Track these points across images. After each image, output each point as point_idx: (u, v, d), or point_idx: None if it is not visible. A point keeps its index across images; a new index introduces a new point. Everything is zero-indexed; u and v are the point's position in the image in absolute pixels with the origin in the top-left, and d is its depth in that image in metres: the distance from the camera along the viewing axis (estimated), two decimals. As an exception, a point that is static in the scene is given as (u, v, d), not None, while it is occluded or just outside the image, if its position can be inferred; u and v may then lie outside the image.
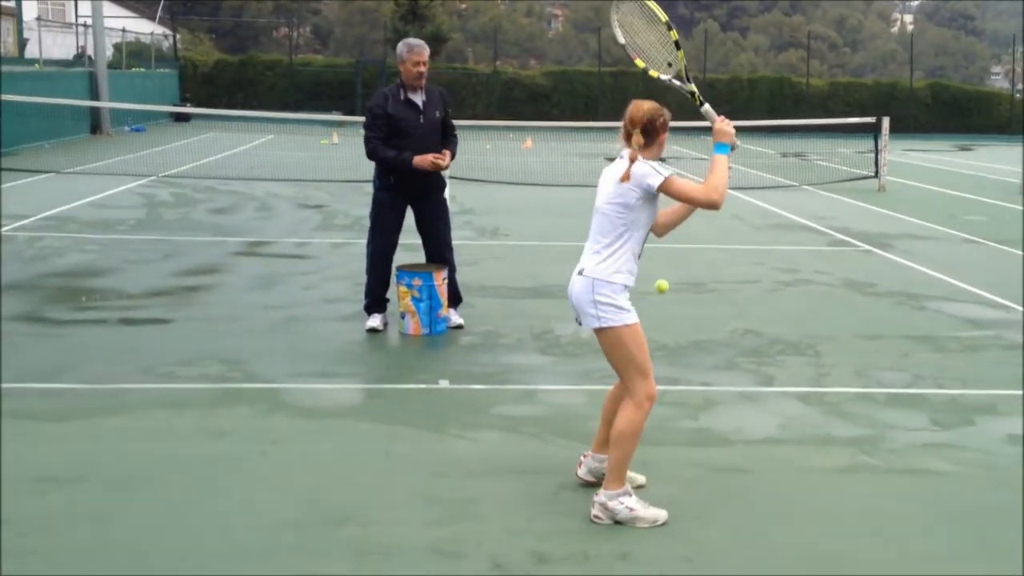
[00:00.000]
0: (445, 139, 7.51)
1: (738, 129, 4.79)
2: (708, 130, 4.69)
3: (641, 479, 4.69)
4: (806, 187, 18.88)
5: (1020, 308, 8.83)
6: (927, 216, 14.95)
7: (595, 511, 4.34)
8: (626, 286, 4.39)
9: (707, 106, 4.63)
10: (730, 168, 4.53)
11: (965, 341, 7.70)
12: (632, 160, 4.34)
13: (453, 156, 7.53)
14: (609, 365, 4.51)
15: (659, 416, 5.73)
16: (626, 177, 4.31)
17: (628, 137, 4.39)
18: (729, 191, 4.56)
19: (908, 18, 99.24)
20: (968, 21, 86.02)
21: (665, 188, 4.30)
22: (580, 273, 4.44)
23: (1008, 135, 37.45)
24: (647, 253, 4.66)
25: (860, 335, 7.79)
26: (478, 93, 38.47)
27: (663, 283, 5.02)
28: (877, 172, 18.80)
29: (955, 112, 40.51)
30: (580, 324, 4.55)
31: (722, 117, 4.52)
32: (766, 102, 38.87)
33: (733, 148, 4.49)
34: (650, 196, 4.35)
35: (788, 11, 79.29)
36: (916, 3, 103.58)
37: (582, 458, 4.75)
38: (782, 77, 41.62)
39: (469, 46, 62.24)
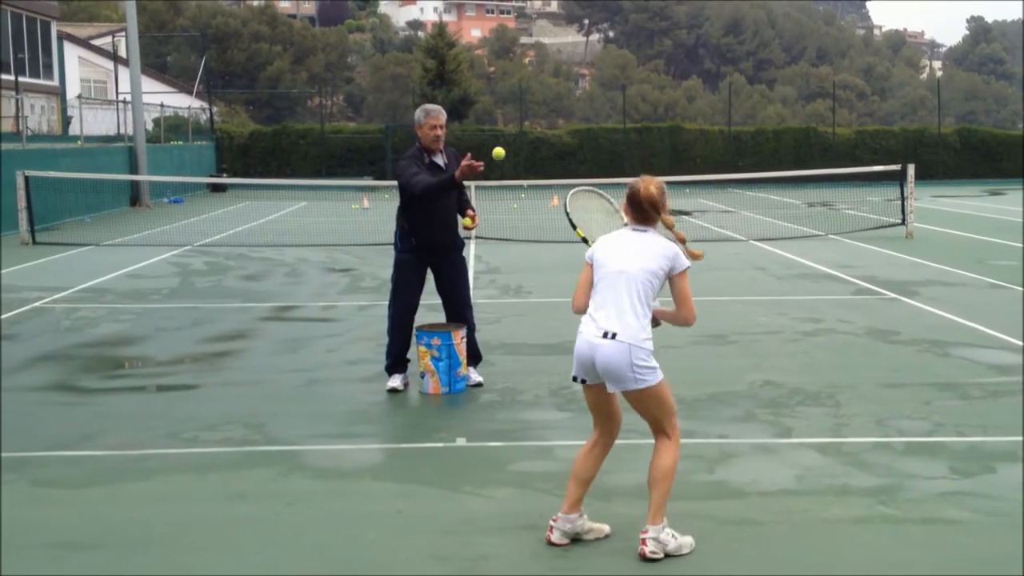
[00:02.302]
0: (458, 197, 7.69)
1: (762, 181, 5.19)
2: (736, 183, 4.89)
3: (607, 528, 4.79)
4: (832, 236, 18.86)
5: (1046, 352, 8.75)
6: (954, 262, 14.88)
7: (650, 548, 4.49)
8: (652, 349, 4.61)
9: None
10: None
11: (988, 387, 7.64)
12: (681, 240, 4.68)
13: (472, 209, 7.72)
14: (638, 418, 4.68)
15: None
16: (696, 255, 4.68)
17: (646, 213, 4.62)
18: (753, 242, 4.84)
19: (937, 64, 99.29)
20: (998, 65, 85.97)
21: (683, 275, 4.60)
22: (612, 337, 4.50)
23: (1040, 178, 37.19)
24: (667, 306, 4.78)
25: (881, 384, 7.76)
26: (506, 153, 38.84)
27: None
28: (904, 219, 18.75)
29: (984, 157, 40.37)
30: (582, 382, 4.62)
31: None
32: (792, 153, 38.96)
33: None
34: (672, 273, 4.59)
35: (815, 62, 79.68)
36: (944, 49, 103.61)
37: (552, 523, 4.70)
38: (808, 128, 41.74)
39: (498, 108, 63.08)
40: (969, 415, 6.91)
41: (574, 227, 5.19)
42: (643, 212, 4.61)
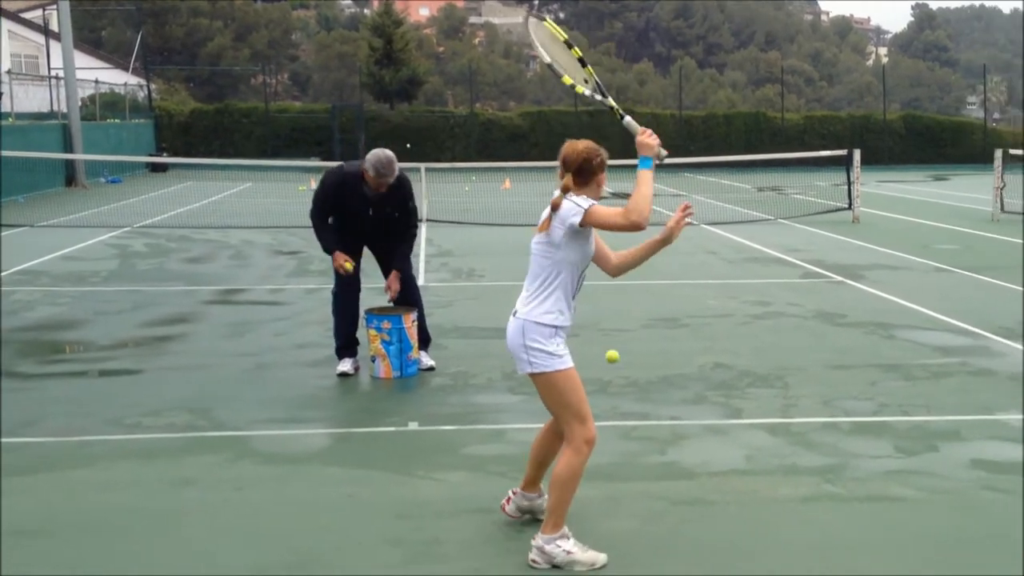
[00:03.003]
0: (403, 229, 7.52)
1: (713, 165, 4.88)
2: (687, 167, 4.77)
3: (603, 558, 4.30)
4: (781, 220, 19.04)
5: (988, 335, 8.90)
6: (900, 246, 15.09)
7: (532, 555, 4.26)
8: (557, 327, 4.28)
9: (627, 119, 4.54)
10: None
11: (932, 368, 7.76)
12: (555, 207, 4.27)
13: (405, 274, 7.54)
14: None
15: (625, 452, 5.77)
16: (545, 226, 4.27)
17: (568, 170, 4.30)
18: (704, 226, 4.65)
19: (883, 51, 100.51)
20: (942, 52, 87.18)
21: (587, 220, 4.19)
22: (514, 315, 4.36)
23: (981, 164, 37.77)
24: (621, 289, 4.73)
25: (829, 365, 7.85)
26: (456, 135, 38.71)
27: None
28: (851, 204, 18.98)
29: (929, 142, 41.02)
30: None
31: (644, 129, 4.37)
32: (742, 137, 39.27)
33: (659, 160, 4.35)
34: (575, 233, 4.24)
35: (764, 47, 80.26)
36: (890, 36, 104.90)
37: (510, 494, 4.73)
38: (758, 112, 42.08)
39: (448, 89, 62.71)
40: (913, 395, 7.01)
41: (559, 76, 4.71)
42: (560, 172, 4.34)
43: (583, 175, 4.32)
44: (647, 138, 4.34)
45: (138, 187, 27.19)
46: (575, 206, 4.22)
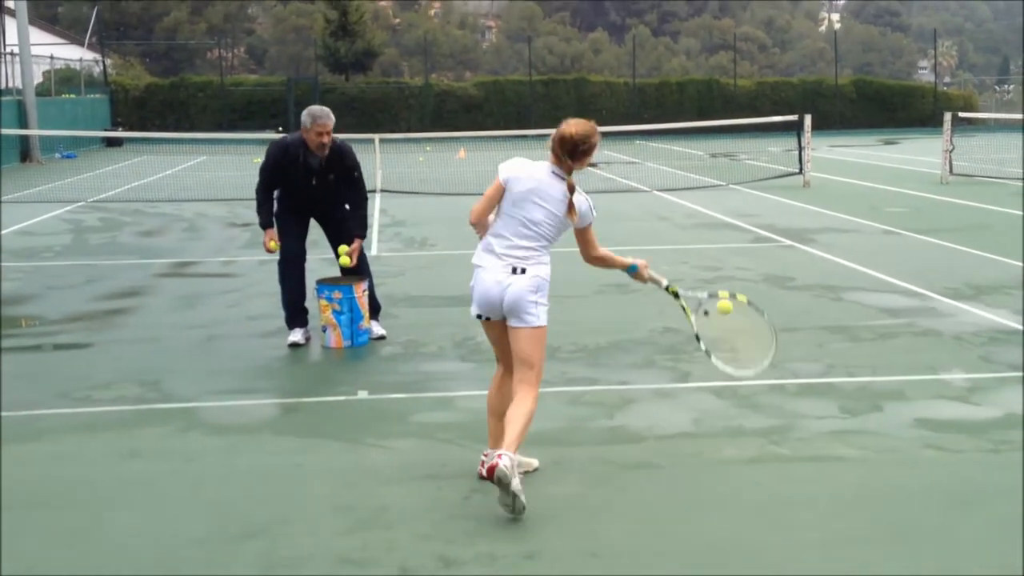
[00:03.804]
0: (352, 201, 7.52)
1: (667, 132, 5.31)
2: (641, 134, 4.94)
3: (535, 463, 4.94)
4: (733, 186, 19.18)
5: (934, 295, 9.06)
6: (849, 210, 15.27)
7: (504, 462, 4.26)
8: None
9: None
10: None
11: (878, 330, 7.88)
12: (572, 190, 4.64)
13: (362, 231, 7.53)
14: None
15: (575, 416, 5.83)
16: (573, 211, 4.65)
17: (561, 155, 4.62)
18: (656, 192, 4.91)
19: (835, 16, 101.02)
20: (893, 17, 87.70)
21: (588, 227, 4.78)
22: (521, 272, 4.59)
23: (931, 127, 38.22)
24: (573, 257, 4.94)
25: (777, 328, 7.92)
26: (411, 106, 38.52)
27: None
28: (801, 169, 19.15)
29: (880, 107, 41.44)
30: (484, 319, 4.69)
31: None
32: (695, 104, 39.42)
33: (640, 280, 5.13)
34: (576, 224, 4.73)
35: (718, 14, 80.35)
36: (842, 2, 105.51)
37: (483, 458, 4.79)
38: (711, 79, 42.25)
39: (404, 60, 62.24)
40: (859, 356, 7.13)
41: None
42: (561, 150, 4.64)
43: (587, 155, 4.66)
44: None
45: (93, 162, 26.81)
46: (592, 211, 4.76)
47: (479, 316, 4.77)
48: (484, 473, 4.70)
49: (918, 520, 4.45)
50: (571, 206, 4.64)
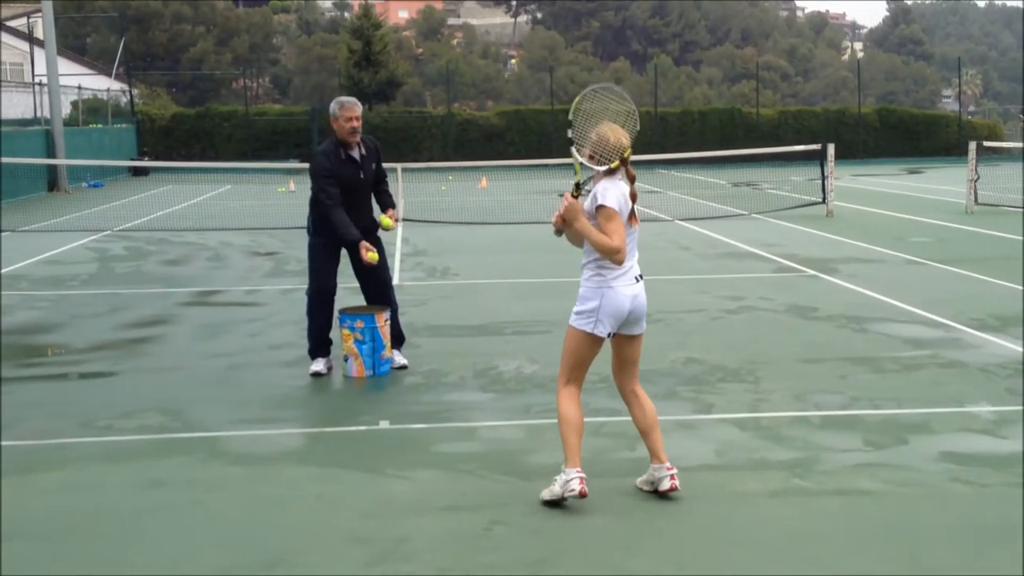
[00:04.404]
0: (377, 189, 7.64)
1: (689, 161, 5.45)
2: (662, 163, 4.98)
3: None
4: (756, 216, 19.13)
5: (959, 327, 8.98)
6: (873, 239, 15.19)
7: (677, 482, 4.98)
8: None
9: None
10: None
11: (903, 361, 7.82)
12: (635, 197, 4.95)
13: (393, 207, 7.71)
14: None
15: (596, 447, 5.80)
16: (636, 220, 4.95)
17: (617, 160, 4.84)
18: (678, 222, 5.06)
19: (858, 45, 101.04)
20: (917, 46, 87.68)
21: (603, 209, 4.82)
22: (638, 280, 5.00)
23: (956, 156, 38.09)
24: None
25: (800, 359, 7.90)
26: (434, 135, 38.73)
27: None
28: (824, 198, 19.09)
29: (904, 136, 41.29)
30: (608, 336, 4.95)
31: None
32: (717, 133, 39.43)
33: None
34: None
35: (740, 43, 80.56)
36: (865, 30, 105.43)
37: (580, 478, 4.85)
38: (733, 108, 42.26)
39: (427, 90, 62.71)
40: (884, 388, 7.07)
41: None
42: (614, 153, 4.86)
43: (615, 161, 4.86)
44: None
45: (119, 191, 27.08)
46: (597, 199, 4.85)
47: (608, 335, 4.97)
48: (584, 492, 4.82)
49: (944, 556, 4.39)
50: (632, 212, 4.92)
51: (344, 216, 7.27)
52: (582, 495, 4.80)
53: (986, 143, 24.91)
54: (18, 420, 6.49)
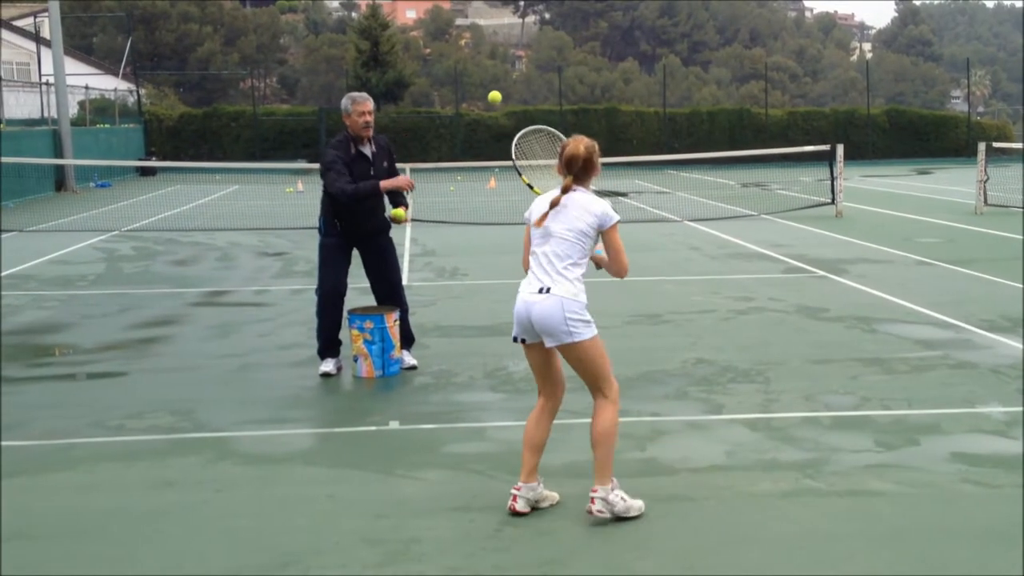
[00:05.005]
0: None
1: (698, 161, 5.41)
2: (672, 164, 4.99)
3: (556, 496, 4.91)
4: (765, 216, 19.10)
5: (970, 327, 8.95)
6: (882, 240, 15.16)
7: (597, 507, 4.64)
8: (585, 302, 4.77)
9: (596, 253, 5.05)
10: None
11: (913, 362, 7.80)
12: (566, 190, 4.76)
13: (407, 205, 7.71)
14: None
15: (606, 448, 5.77)
16: (556, 202, 4.75)
17: (571, 171, 4.77)
18: (687, 223, 5.03)
19: (867, 46, 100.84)
20: (925, 47, 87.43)
21: (613, 229, 4.75)
22: (547, 291, 4.69)
23: (965, 157, 38.02)
24: (604, 286, 4.98)
25: (810, 360, 7.88)
26: (442, 136, 38.75)
27: (495, 93, 5.74)
28: (834, 199, 19.05)
29: (913, 136, 41.19)
30: (522, 342, 4.77)
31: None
32: (726, 134, 39.38)
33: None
34: (601, 229, 4.75)
35: (748, 44, 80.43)
36: (874, 31, 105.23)
37: (514, 492, 4.79)
38: (742, 109, 42.19)
39: (435, 90, 62.74)
40: (894, 389, 7.05)
41: (520, 173, 5.47)
42: (572, 171, 4.78)
43: (589, 171, 4.81)
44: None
45: (127, 191, 27.15)
46: (612, 213, 4.75)
47: (515, 339, 4.90)
48: (516, 509, 4.73)
49: (956, 556, 4.37)
50: (546, 214, 4.86)
51: (362, 184, 7.26)
52: (511, 511, 4.75)
53: (995, 144, 24.82)
54: (28, 420, 6.51)
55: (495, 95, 6.59)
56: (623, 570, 4.24)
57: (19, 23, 46.69)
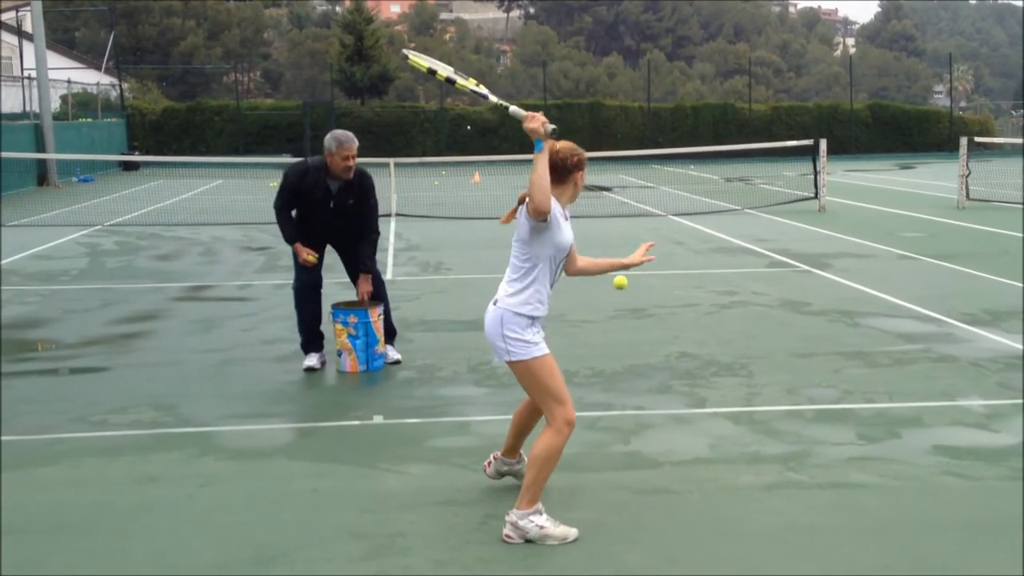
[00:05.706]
0: (360, 232, 7.49)
1: (681, 156, 5.05)
2: (656, 158, 4.89)
3: (574, 532, 4.48)
4: (748, 210, 19.16)
5: (951, 321, 9.01)
6: (865, 234, 15.23)
7: (506, 530, 4.43)
8: (534, 318, 4.50)
9: (512, 108, 4.59)
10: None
11: (895, 355, 7.84)
12: (521, 201, 4.51)
13: (370, 270, 7.49)
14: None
15: (590, 442, 5.80)
16: (509, 217, 4.62)
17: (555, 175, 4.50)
18: (671, 217, 4.79)
19: (850, 41, 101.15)
20: (909, 42, 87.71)
21: (529, 211, 4.38)
22: (494, 303, 4.56)
23: (947, 152, 38.20)
24: (588, 281, 4.90)
25: (793, 354, 7.92)
26: (426, 130, 38.69)
27: (622, 279, 5.43)
28: (817, 193, 19.12)
29: (895, 131, 41.40)
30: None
31: (529, 114, 4.37)
32: (710, 129, 39.48)
33: (550, 137, 4.34)
34: (535, 227, 4.42)
35: (732, 39, 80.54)
36: (857, 26, 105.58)
37: (491, 458, 4.98)
38: (726, 104, 42.31)
39: (420, 84, 62.56)
40: (876, 382, 7.09)
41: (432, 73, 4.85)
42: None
43: (559, 174, 4.51)
44: (531, 122, 4.33)
45: (110, 186, 27.01)
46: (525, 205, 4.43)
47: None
48: (487, 471, 5.03)
49: (938, 548, 4.40)
50: (513, 210, 4.65)
51: (286, 220, 7.42)
52: (484, 470, 5.07)
53: (977, 139, 24.95)
54: (11, 415, 6.48)
55: (621, 281, 5.70)
56: (607, 563, 4.25)
57: (1, 17, 46.34)
